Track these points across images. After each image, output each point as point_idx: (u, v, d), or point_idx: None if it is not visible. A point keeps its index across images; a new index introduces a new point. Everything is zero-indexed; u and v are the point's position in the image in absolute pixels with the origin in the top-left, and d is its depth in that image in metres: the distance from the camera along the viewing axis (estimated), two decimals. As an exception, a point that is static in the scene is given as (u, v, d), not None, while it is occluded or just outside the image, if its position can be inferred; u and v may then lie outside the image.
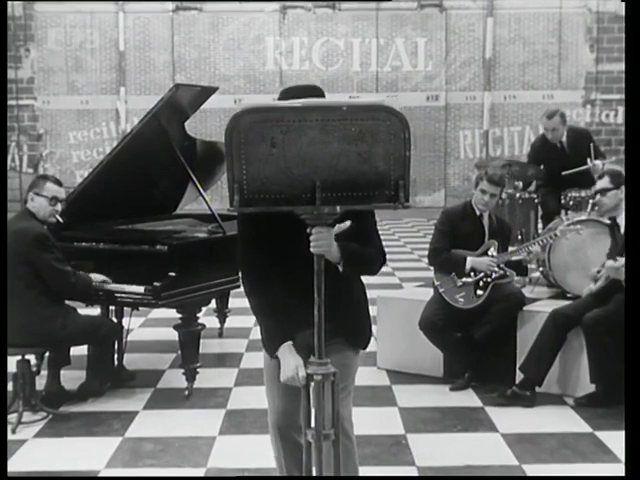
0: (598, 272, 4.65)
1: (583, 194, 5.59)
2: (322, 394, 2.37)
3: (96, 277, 4.54)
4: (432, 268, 5.02)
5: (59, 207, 4.46)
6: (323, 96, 2.67)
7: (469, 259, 4.81)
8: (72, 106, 16.37)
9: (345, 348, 2.72)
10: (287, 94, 2.64)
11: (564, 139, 6.29)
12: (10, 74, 15.70)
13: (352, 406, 2.83)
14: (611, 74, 15.99)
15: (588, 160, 5.96)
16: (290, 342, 2.61)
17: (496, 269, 4.81)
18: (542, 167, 6.25)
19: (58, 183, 4.49)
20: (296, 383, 2.52)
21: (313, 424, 2.37)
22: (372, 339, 2.78)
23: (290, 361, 2.56)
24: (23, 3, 15.92)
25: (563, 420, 4.35)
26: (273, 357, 2.66)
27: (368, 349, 2.88)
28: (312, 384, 2.38)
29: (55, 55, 16.26)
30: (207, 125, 15.42)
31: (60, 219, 4.54)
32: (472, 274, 4.82)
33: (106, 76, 16.39)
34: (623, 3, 11.33)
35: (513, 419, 4.36)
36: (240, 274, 2.86)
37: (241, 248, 2.75)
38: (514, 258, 4.93)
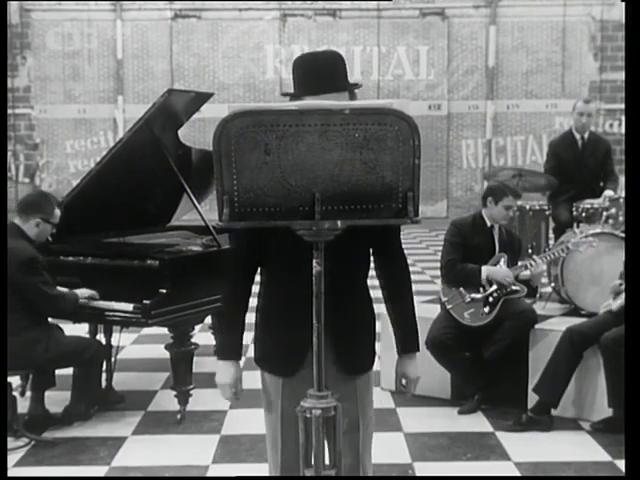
0: (620, 285, 4.35)
1: (596, 205, 5.33)
2: (321, 431, 2.12)
3: (83, 292, 4.28)
4: (438, 282, 4.76)
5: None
6: (342, 62, 2.38)
7: (484, 268, 4.56)
8: (69, 115, 16.15)
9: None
10: (303, 69, 2.36)
11: (586, 136, 5.99)
12: (6, 82, 15.51)
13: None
14: (615, 83, 15.78)
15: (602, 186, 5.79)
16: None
17: (512, 281, 4.56)
18: (556, 165, 5.90)
19: (59, 205, 4.36)
20: (226, 395, 2.41)
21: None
22: (375, 358, 2.48)
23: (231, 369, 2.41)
24: (20, 11, 15.72)
25: (580, 447, 4.09)
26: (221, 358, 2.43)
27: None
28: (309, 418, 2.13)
29: (52, 63, 16.04)
30: (205, 134, 15.17)
31: (50, 238, 4.37)
32: (482, 289, 4.57)
33: (104, 84, 16.17)
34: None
35: (526, 446, 4.09)
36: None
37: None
38: (522, 275, 4.69)
